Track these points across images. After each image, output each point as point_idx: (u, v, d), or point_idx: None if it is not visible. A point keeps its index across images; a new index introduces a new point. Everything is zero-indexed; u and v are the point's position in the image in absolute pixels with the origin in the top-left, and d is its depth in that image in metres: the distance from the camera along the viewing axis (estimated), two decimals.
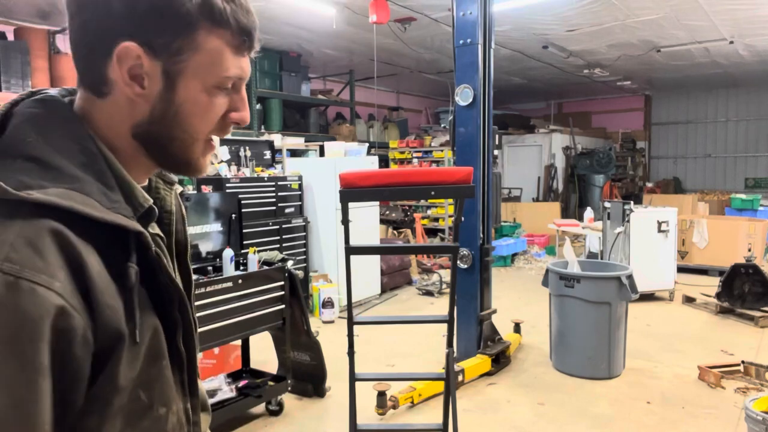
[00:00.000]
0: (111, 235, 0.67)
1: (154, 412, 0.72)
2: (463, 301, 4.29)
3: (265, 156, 6.87)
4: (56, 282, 0.60)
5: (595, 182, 12.99)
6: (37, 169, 0.65)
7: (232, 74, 0.75)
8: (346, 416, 2.79)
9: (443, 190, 2.37)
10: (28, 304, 0.58)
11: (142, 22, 0.69)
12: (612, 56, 9.62)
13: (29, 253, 0.60)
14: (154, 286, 0.73)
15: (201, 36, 0.72)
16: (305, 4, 6.43)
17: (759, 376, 4.01)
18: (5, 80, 5.16)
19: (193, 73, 0.73)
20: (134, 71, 0.71)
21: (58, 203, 0.62)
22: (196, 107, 0.74)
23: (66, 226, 0.62)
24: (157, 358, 0.72)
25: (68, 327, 0.60)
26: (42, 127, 0.69)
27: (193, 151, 0.78)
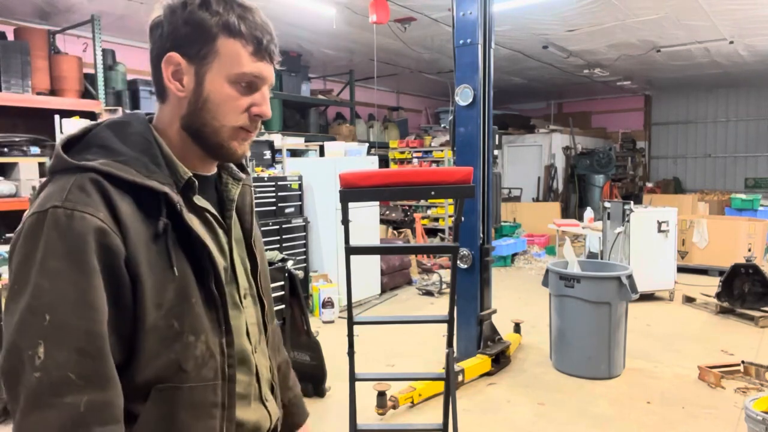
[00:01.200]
0: (148, 196, 0.91)
1: (184, 338, 0.93)
2: (463, 301, 4.29)
3: (265, 156, 6.88)
4: (100, 213, 0.85)
5: (595, 182, 12.98)
6: (101, 152, 0.92)
7: (247, 71, 0.97)
8: (346, 416, 2.79)
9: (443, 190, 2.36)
10: (80, 225, 0.83)
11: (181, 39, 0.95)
12: (612, 56, 9.62)
13: (80, 195, 0.86)
14: (184, 239, 0.94)
15: (220, 42, 0.96)
16: (305, 4, 6.43)
17: (759, 376, 4.01)
18: (5, 80, 5.15)
19: (217, 70, 0.96)
20: (177, 75, 0.97)
21: (98, 167, 0.88)
22: (219, 96, 0.97)
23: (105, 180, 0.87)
24: (187, 295, 0.93)
25: (110, 244, 0.85)
26: (119, 128, 0.96)
27: (221, 135, 0.99)
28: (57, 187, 0.87)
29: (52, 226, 0.83)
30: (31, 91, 5.31)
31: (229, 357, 1.00)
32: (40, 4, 6.19)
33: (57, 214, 0.84)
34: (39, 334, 0.80)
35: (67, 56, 5.83)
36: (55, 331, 0.80)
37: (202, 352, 0.95)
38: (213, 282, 0.97)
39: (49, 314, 0.80)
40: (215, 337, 0.97)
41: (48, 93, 5.55)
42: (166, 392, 0.92)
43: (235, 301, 1.05)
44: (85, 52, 6.49)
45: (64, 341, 0.80)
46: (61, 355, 0.80)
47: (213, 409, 0.97)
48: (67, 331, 0.81)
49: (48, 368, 0.79)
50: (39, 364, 0.79)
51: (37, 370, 0.79)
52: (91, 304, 0.83)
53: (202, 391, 0.96)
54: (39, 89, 5.45)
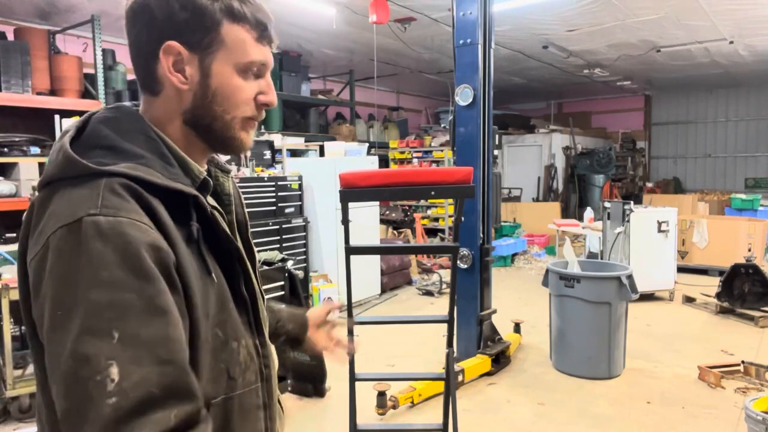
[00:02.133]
0: (174, 200, 0.84)
1: (229, 346, 0.90)
2: (463, 301, 4.29)
3: (265, 156, 6.88)
4: (144, 218, 0.78)
5: (595, 182, 12.98)
6: (111, 154, 0.83)
7: (255, 59, 0.92)
8: (346, 416, 2.78)
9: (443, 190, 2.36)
10: (130, 231, 0.75)
11: (180, 26, 0.87)
12: (612, 56, 9.62)
13: (117, 200, 0.77)
14: (215, 242, 0.90)
15: (225, 30, 0.89)
16: (305, 4, 6.43)
17: (759, 376, 4.01)
18: (5, 80, 5.14)
19: (223, 60, 0.90)
20: (177, 65, 0.89)
21: (127, 172, 0.80)
22: (228, 88, 0.91)
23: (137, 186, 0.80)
24: (225, 301, 0.90)
25: (162, 249, 0.78)
26: (114, 125, 0.87)
27: (233, 127, 0.93)
28: (81, 194, 0.77)
29: (93, 235, 0.73)
30: (31, 91, 5.31)
31: (264, 357, 0.98)
32: (40, 4, 6.19)
33: (97, 221, 0.74)
34: (107, 356, 0.69)
35: (67, 56, 5.83)
36: (127, 347, 0.71)
37: (245, 357, 0.93)
38: (243, 284, 0.94)
39: (116, 330, 0.70)
40: (250, 339, 0.95)
41: (48, 93, 5.55)
42: (222, 405, 0.88)
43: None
44: (85, 52, 6.49)
45: (141, 355, 0.71)
46: (139, 372, 0.70)
47: (258, 411, 0.96)
48: (142, 343, 0.71)
49: (125, 391, 0.69)
50: (113, 388, 0.69)
51: (111, 395, 0.68)
52: (161, 309, 0.74)
53: (248, 396, 0.93)
54: (39, 89, 5.45)
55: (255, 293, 0.97)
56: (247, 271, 0.96)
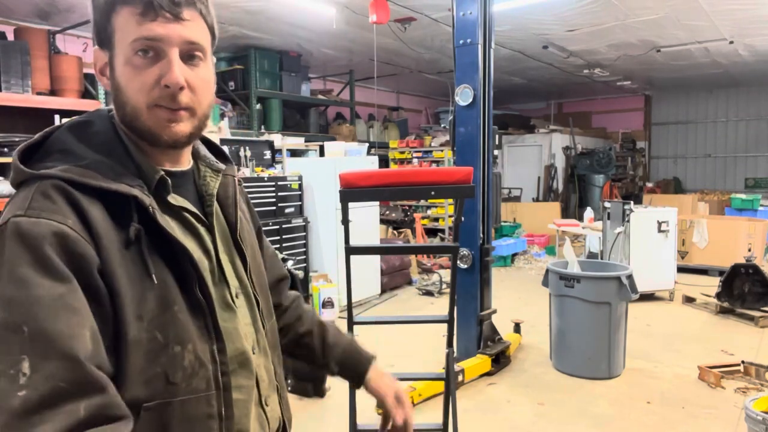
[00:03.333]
0: (117, 200, 0.84)
1: (170, 350, 0.86)
2: (463, 301, 4.29)
3: (265, 156, 6.88)
4: (68, 220, 0.78)
5: (595, 182, 12.98)
6: (61, 157, 0.85)
7: (137, 37, 0.85)
8: (346, 416, 2.78)
9: (443, 190, 2.36)
10: (45, 232, 0.76)
11: (95, 28, 0.89)
12: (612, 56, 9.61)
13: (44, 202, 0.79)
14: (160, 243, 0.87)
15: (115, 19, 0.86)
16: (305, 4, 6.43)
17: (759, 376, 4.01)
18: (5, 80, 5.14)
19: (118, 51, 0.87)
20: (102, 70, 0.91)
21: (59, 174, 0.81)
22: (122, 78, 0.87)
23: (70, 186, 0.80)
24: (167, 304, 0.86)
25: (81, 251, 0.78)
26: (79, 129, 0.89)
27: (141, 119, 0.88)
28: (18, 198, 0.81)
29: (13, 236, 0.76)
30: (31, 91, 5.31)
31: (222, 364, 0.92)
32: (40, 4, 6.19)
33: (19, 222, 0.76)
34: (19, 350, 0.71)
35: (67, 56, 5.83)
36: (36, 341, 0.72)
37: (191, 362, 0.88)
38: (197, 287, 0.90)
39: (26, 325, 0.72)
40: (204, 344, 0.90)
41: (48, 93, 5.55)
42: (157, 409, 0.84)
43: (226, 302, 0.97)
44: (85, 52, 6.49)
45: (49, 350, 0.72)
46: (48, 366, 0.71)
47: (209, 421, 0.90)
48: (49, 338, 0.72)
49: (35, 383, 0.70)
50: (24, 381, 0.70)
51: (21, 388, 0.70)
52: (70, 307, 0.75)
53: (194, 403, 0.88)
54: (39, 89, 5.45)
55: (211, 297, 0.92)
56: (200, 274, 0.91)
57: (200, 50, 0.90)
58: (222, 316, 0.95)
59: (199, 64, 0.91)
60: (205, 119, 0.95)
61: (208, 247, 0.97)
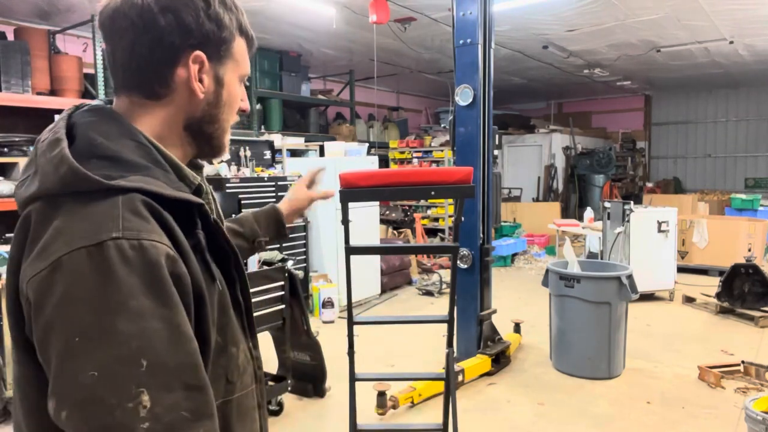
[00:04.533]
0: (179, 209, 0.84)
1: (228, 351, 0.91)
2: (463, 301, 4.29)
3: (265, 156, 6.88)
4: (165, 239, 0.77)
5: (595, 182, 12.98)
6: (112, 165, 0.80)
7: (248, 71, 0.99)
8: (346, 416, 2.79)
9: (443, 190, 2.37)
10: (153, 255, 0.74)
11: (205, 36, 0.89)
12: (612, 56, 9.61)
13: (139, 221, 0.76)
14: (216, 248, 0.90)
15: (236, 44, 0.95)
16: (305, 4, 6.43)
17: (759, 376, 4.01)
18: (5, 80, 5.14)
19: (232, 71, 0.95)
20: (200, 74, 0.91)
21: (142, 186, 0.79)
22: (233, 97, 0.97)
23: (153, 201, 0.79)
24: (225, 307, 0.91)
25: (180, 272, 0.78)
26: (103, 131, 0.84)
27: (226, 134, 0.99)
28: (97, 213, 0.75)
29: (118, 261, 0.72)
30: (31, 91, 5.30)
31: (257, 359, 1.01)
32: (40, 4, 6.19)
33: (120, 245, 0.72)
34: (137, 383, 0.70)
35: (67, 56, 5.82)
36: (156, 374, 0.72)
37: (242, 361, 0.95)
38: (239, 288, 0.96)
39: (144, 358, 0.71)
40: (245, 343, 0.98)
41: (48, 93, 5.54)
42: (221, 409, 0.88)
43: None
44: (85, 52, 6.49)
45: (170, 383, 0.73)
46: (170, 398, 0.72)
47: (254, 412, 0.99)
48: (170, 371, 0.73)
49: (158, 415, 0.71)
50: (146, 414, 0.70)
51: (145, 420, 0.70)
52: (186, 336, 0.76)
53: (245, 398, 0.96)
54: (39, 89, 5.44)
55: (248, 296, 0.99)
56: (243, 275, 0.97)
57: None
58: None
59: None
60: None
61: None
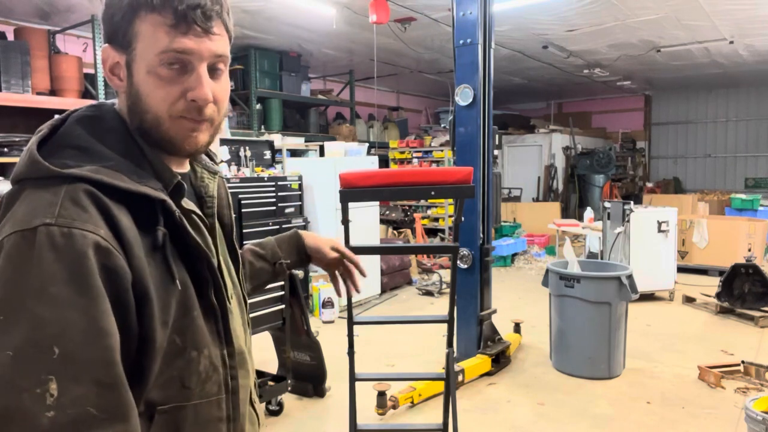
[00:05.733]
0: (140, 203, 0.81)
1: (187, 354, 0.86)
2: (463, 301, 4.29)
3: (265, 156, 6.87)
4: (101, 230, 0.75)
5: (595, 182, 12.98)
6: (79, 155, 0.81)
7: (166, 49, 0.83)
8: (346, 416, 2.79)
9: (443, 190, 2.37)
10: (82, 245, 0.73)
11: (109, 26, 0.86)
12: (612, 56, 9.61)
13: (75, 209, 0.75)
14: (183, 247, 0.87)
15: (138, 23, 0.83)
16: (305, 4, 6.43)
17: (759, 376, 4.01)
18: (5, 80, 5.14)
19: (140, 58, 0.85)
20: (113, 69, 0.88)
21: (90, 176, 0.78)
22: (146, 86, 0.85)
23: (99, 191, 0.78)
24: (188, 308, 0.86)
25: (115, 266, 0.76)
26: (89, 124, 0.85)
27: (162, 128, 0.87)
28: (41, 199, 0.76)
29: (46, 247, 0.72)
30: (31, 91, 5.30)
31: (231, 368, 0.94)
32: (40, 4, 6.19)
33: (51, 232, 0.72)
34: (47, 370, 0.69)
35: (67, 56, 5.82)
36: (67, 364, 0.70)
37: (206, 367, 0.89)
38: (212, 292, 0.91)
39: (57, 346, 0.70)
40: (216, 349, 0.92)
41: (48, 93, 5.54)
42: (170, 413, 0.85)
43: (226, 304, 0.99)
44: (85, 52, 6.49)
45: (80, 374, 0.71)
46: (78, 390, 0.70)
47: (219, 424, 0.92)
48: (82, 362, 0.71)
49: (63, 406, 0.69)
50: (52, 402, 0.69)
51: (50, 408, 0.69)
52: (104, 331, 0.73)
53: (206, 407, 0.90)
54: (39, 89, 5.44)
55: (224, 301, 0.93)
56: (217, 279, 0.91)
57: (224, 62, 0.90)
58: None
59: (222, 76, 0.91)
60: (220, 126, 0.95)
61: (211, 249, 0.97)
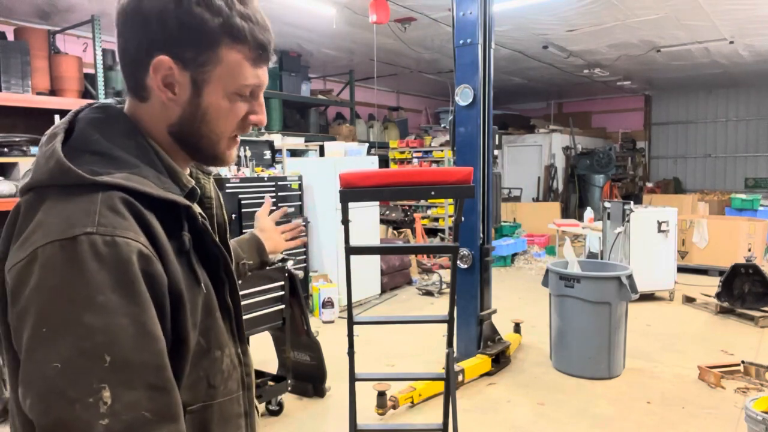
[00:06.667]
0: (165, 209, 0.83)
1: (212, 355, 0.90)
2: (463, 301, 4.29)
3: (265, 156, 6.87)
4: (141, 237, 0.77)
5: (595, 182, 12.98)
6: (103, 161, 0.81)
7: (249, 83, 0.89)
8: (346, 416, 2.79)
9: (443, 190, 2.37)
10: (126, 253, 0.74)
11: (173, 39, 0.83)
12: (612, 56, 9.62)
13: (114, 217, 0.76)
14: (203, 251, 0.90)
15: (223, 51, 0.85)
16: (305, 4, 6.43)
17: (759, 376, 4.01)
18: (5, 80, 5.13)
19: (216, 81, 0.87)
20: (167, 80, 0.85)
21: (124, 183, 0.79)
22: (219, 111, 0.88)
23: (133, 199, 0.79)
24: (211, 310, 0.89)
25: (155, 272, 0.77)
26: (102, 128, 0.86)
27: (219, 147, 0.93)
28: (76, 208, 0.75)
29: (90, 255, 0.72)
30: (31, 91, 5.30)
31: (246, 366, 0.99)
32: (40, 4, 6.19)
33: (94, 241, 0.73)
34: (99, 378, 0.70)
35: (67, 56, 5.82)
36: (118, 371, 0.71)
37: (227, 366, 0.93)
38: (228, 292, 0.94)
39: (108, 354, 0.71)
40: (233, 347, 0.96)
41: (48, 93, 5.54)
42: (199, 413, 0.88)
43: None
44: (85, 52, 6.49)
45: (132, 379, 0.72)
46: (131, 395, 0.72)
47: (239, 419, 0.96)
48: (133, 368, 0.73)
49: (117, 412, 0.70)
50: (105, 410, 0.70)
51: (104, 416, 0.70)
52: (153, 336, 0.75)
53: (228, 404, 0.94)
54: (39, 89, 5.44)
55: (238, 301, 0.98)
56: (232, 279, 0.96)
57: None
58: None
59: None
60: None
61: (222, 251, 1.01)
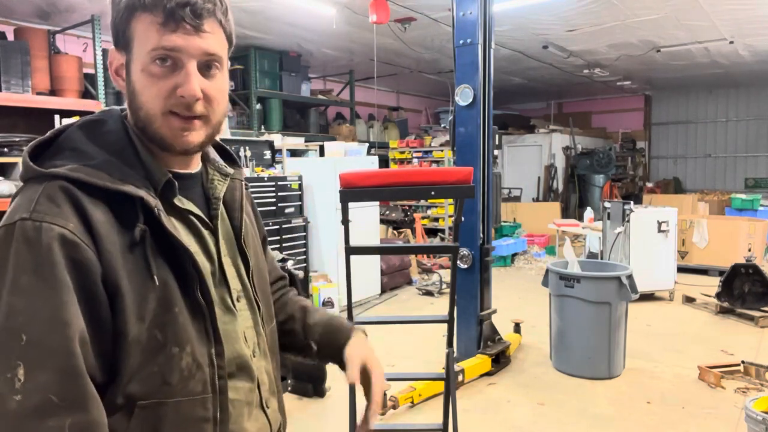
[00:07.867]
0: (123, 201, 0.85)
1: (168, 350, 0.87)
2: (463, 301, 4.29)
3: (265, 156, 6.87)
4: (70, 224, 0.80)
5: (595, 182, 12.98)
6: (72, 155, 0.87)
7: (157, 47, 0.86)
8: (346, 416, 2.78)
9: (443, 190, 2.36)
10: (50, 238, 0.78)
11: (113, 29, 0.90)
12: (612, 56, 9.61)
13: (49, 205, 0.80)
14: (169, 245, 0.88)
15: (134, 24, 0.87)
16: (305, 4, 6.42)
17: (759, 376, 4.01)
18: (5, 80, 5.13)
19: (135, 57, 0.88)
20: (118, 71, 0.92)
21: (65, 173, 0.83)
22: (142, 87, 0.88)
23: (75, 188, 0.82)
24: (169, 305, 0.87)
25: (82, 258, 0.80)
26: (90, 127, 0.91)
27: (154, 125, 0.89)
28: (25, 197, 0.83)
29: (20, 239, 0.78)
30: (31, 91, 5.30)
31: (219, 368, 0.93)
32: (40, 4, 6.19)
33: (25, 226, 0.79)
34: (17, 356, 0.75)
35: (67, 56, 5.82)
36: (33, 351, 0.76)
37: (188, 364, 0.89)
38: (198, 289, 0.91)
39: (25, 334, 0.76)
40: (203, 347, 0.91)
41: (48, 93, 5.54)
42: (151, 408, 0.86)
43: (227, 305, 0.98)
44: (85, 52, 6.49)
45: (44, 362, 0.76)
46: (42, 377, 0.75)
47: (203, 424, 0.90)
48: (46, 351, 0.76)
49: (29, 391, 0.74)
50: (19, 386, 0.74)
51: (18, 393, 0.74)
52: (65, 321, 0.77)
53: (189, 405, 0.89)
54: (39, 89, 5.45)
55: (211, 300, 0.93)
56: (203, 276, 0.91)
57: (218, 61, 0.91)
58: (222, 319, 0.96)
59: (216, 75, 0.92)
60: (219, 126, 0.96)
61: (210, 250, 0.98)
